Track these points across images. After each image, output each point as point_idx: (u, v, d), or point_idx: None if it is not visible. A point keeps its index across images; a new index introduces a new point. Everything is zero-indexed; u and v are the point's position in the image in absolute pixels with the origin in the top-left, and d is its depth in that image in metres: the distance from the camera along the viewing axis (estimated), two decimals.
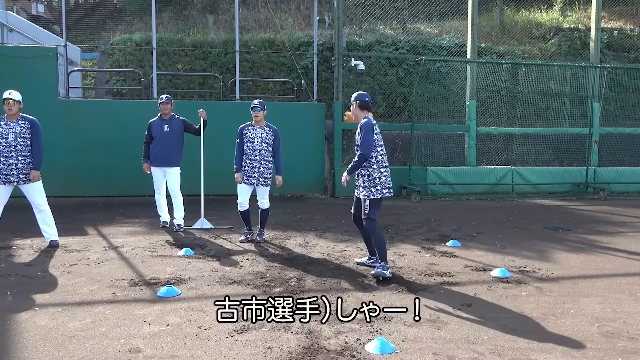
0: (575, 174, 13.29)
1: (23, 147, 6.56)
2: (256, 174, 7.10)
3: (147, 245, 7.02)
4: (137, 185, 10.56)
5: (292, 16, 18.64)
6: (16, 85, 10.58)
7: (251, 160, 7.09)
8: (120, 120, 11.20)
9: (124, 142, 10.98)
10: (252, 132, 7.11)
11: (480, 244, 7.40)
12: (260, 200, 7.23)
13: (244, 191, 7.20)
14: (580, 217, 9.95)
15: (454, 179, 12.59)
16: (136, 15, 18.21)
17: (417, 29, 17.12)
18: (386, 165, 5.72)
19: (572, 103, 14.68)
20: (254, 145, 7.07)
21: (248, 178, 7.11)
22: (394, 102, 14.58)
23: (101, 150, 11.22)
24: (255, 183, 7.12)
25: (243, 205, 7.23)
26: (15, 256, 6.36)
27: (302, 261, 6.28)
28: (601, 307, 4.79)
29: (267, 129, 7.15)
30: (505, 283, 5.49)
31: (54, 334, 4.00)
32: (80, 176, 11.13)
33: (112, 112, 11.42)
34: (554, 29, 17.37)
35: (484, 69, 13.91)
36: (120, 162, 11.11)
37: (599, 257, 6.75)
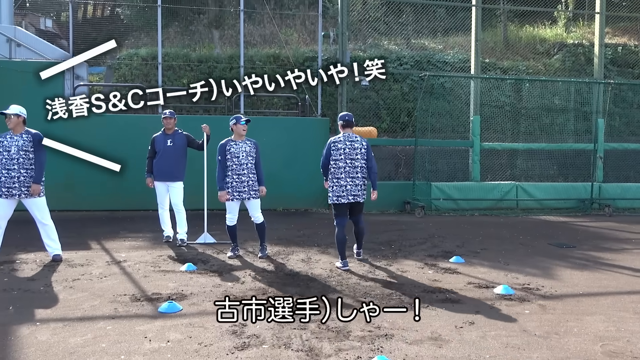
0: (580, 189, 13.24)
1: (25, 161, 6.61)
2: (246, 187, 7.11)
3: (149, 260, 7.03)
4: (141, 199, 10.60)
5: (297, 31, 18.77)
6: (23, 100, 10.69)
7: (239, 175, 7.09)
8: (125, 135, 11.27)
9: (129, 157, 10.98)
10: (235, 147, 7.13)
11: (483, 260, 7.36)
12: (254, 215, 7.24)
13: (233, 207, 7.22)
14: (585, 234, 9.89)
15: (458, 195, 12.56)
16: (143, 30, 18.38)
17: (421, 44, 17.20)
18: (337, 177, 6.81)
19: (576, 119, 14.67)
20: (240, 160, 7.08)
21: (239, 193, 7.10)
22: (398, 117, 14.61)
23: None
24: (246, 197, 7.13)
25: (232, 221, 7.26)
26: (18, 270, 6.37)
27: (304, 277, 6.26)
28: (605, 326, 4.75)
29: (248, 142, 7.22)
30: (509, 300, 5.46)
31: (55, 349, 4.00)
32: (84, 190, 11.18)
33: (118, 126, 11.49)
34: (558, 44, 17.43)
35: (488, 85, 13.94)
36: (124, 176, 11.14)
37: (603, 275, 6.70)
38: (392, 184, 12.89)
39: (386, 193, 12.42)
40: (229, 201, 7.16)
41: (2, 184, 6.55)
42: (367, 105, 14.54)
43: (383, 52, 16.29)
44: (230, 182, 7.11)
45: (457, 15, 15.32)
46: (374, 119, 14.42)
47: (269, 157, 11.11)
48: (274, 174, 11.10)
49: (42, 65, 11.39)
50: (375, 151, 13.32)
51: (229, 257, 7.23)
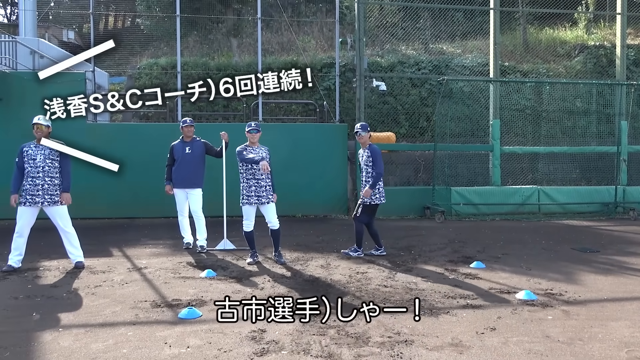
0: (603, 193, 13.00)
1: (51, 169, 6.74)
2: (264, 192, 7.21)
3: (170, 266, 7.08)
4: (161, 207, 10.70)
5: (314, 38, 18.84)
6: (46, 110, 10.89)
7: (258, 180, 7.19)
8: (145, 143, 11.41)
9: (149, 165, 11.16)
10: (253, 152, 7.25)
11: (505, 265, 7.26)
12: (270, 220, 7.30)
13: (250, 213, 7.31)
14: (609, 238, 9.71)
15: (479, 199, 12.43)
16: (162, 40, 18.64)
17: (439, 49, 17.13)
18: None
19: (599, 121, 14.43)
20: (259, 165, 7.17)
21: (258, 198, 7.20)
22: (416, 122, 14.55)
23: (127, 173, 11.39)
24: (265, 201, 7.22)
25: (249, 226, 7.36)
26: (41, 277, 6.47)
27: (323, 283, 6.25)
28: (630, 332, 4.64)
29: (263, 148, 7.38)
30: (531, 306, 5.37)
31: (77, 355, 4.05)
32: (105, 198, 11.33)
33: (138, 135, 11.64)
34: (579, 46, 17.20)
35: (508, 88, 13.80)
36: (144, 184, 11.29)
37: (628, 280, 6.56)
38: (411, 189, 12.82)
39: (406, 198, 12.38)
40: (248, 205, 7.25)
41: (27, 192, 6.67)
42: (385, 111, 14.50)
43: (401, 57, 16.26)
44: (249, 187, 7.21)
45: (475, 19, 15.24)
46: (392, 124, 14.38)
47: (288, 164, 11.15)
48: (292, 181, 11.14)
49: (64, 76, 11.61)
50: (395, 156, 13.39)
51: (248, 263, 7.27)
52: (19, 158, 6.73)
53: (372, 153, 7.64)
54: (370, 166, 7.62)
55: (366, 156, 7.70)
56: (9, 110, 11.15)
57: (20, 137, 10.31)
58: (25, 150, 6.74)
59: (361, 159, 7.86)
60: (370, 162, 7.63)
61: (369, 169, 7.64)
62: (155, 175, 10.72)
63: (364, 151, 7.79)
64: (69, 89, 11.22)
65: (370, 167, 7.63)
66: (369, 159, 7.65)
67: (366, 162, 7.69)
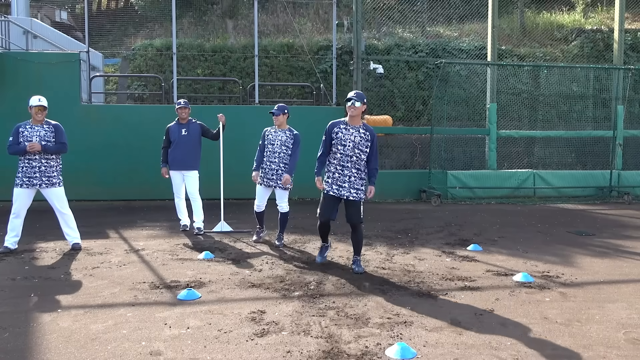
0: (599, 177, 13.06)
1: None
2: (274, 175, 7.16)
3: (167, 248, 7.07)
4: (158, 189, 10.67)
5: (310, 20, 18.67)
6: (40, 91, 10.78)
7: (270, 162, 7.17)
8: (141, 125, 11.33)
9: (145, 147, 11.10)
10: (273, 134, 7.21)
11: (501, 248, 7.30)
12: (279, 203, 7.27)
13: (262, 194, 7.32)
14: (605, 222, 9.76)
15: (475, 183, 12.46)
16: (157, 21, 18.42)
17: (436, 32, 17.03)
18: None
19: (595, 105, 14.45)
20: (274, 148, 7.15)
21: (268, 180, 7.18)
22: (413, 105, 14.50)
23: (122, 155, 11.36)
24: (274, 185, 7.19)
25: (260, 207, 7.39)
26: (38, 259, 6.45)
27: (321, 265, 6.26)
28: (627, 313, 4.69)
29: (287, 133, 7.21)
30: (528, 288, 5.40)
31: (77, 336, 4.04)
32: (102, 180, 11.28)
33: (134, 117, 11.55)
34: (576, 30, 17.14)
35: (505, 72, 13.76)
36: (141, 166, 11.24)
37: (624, 262, 6.61)
38: (407, 173, 12.82)
39: (402, 182, 12.39)
40: (258, 185, 7.27)
41: (23, 173, 6.61)
42: (382, 94, 14.44)
43: (398, 40, 16.16)
44: (263, 168, 7.23)
45: (473, 2, 15.12)
46: (388, 107, 14.33)
47: None
48: None
49: (58, 56, 11.49)
50: (391, 140, 13.35)
51: (253, 240, 7.40)
52: (14, 137, 6.62)
53: (372, 138, 5.89)
54: (366, 152, 5.87)
55: (365, 139, 5.84)
56: (2, 90, 11.03)
57: (13, 117, 10.23)
58: (22, 130, 6.65)
59: (351, 138, 5.84)
60: (368, 147, 5.87)
61: (363, 156, 5.87)
62: (151, 157, 10.68)
63: (360, 129, 5.86)
64: (63, 70, 11.20)
65: (365, 154, 5.87)
66: (367, 142, 5.85)
67: (360, 145, 5.83)
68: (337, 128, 5.91)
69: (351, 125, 5.90)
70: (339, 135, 5.87)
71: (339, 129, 5.90)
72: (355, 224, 6.00)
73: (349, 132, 5.87)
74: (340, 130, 5.89)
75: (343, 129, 5.90)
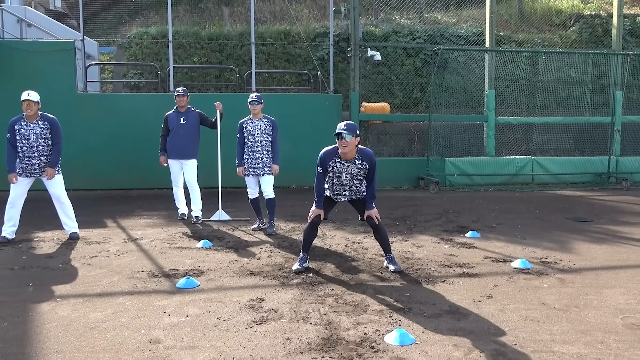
0: (597, 163, 13.06)
1: (45, 148, 6.64)
2: (260, 164, 7.28)
3: (165, 237, 7.06)
4: (155, 178, 10.64)
5: (307, 7, 18.52)
6: (35, 80, 10.71)
7: (253, 152, 7.27)
8: (137, 114, 11.28)
9: (142, 135, 11.06)
10: (252, 125, 7.31)
11: (500, 235, 7.31)
12: (265, 190, 7.36)
13: (252, 183, 7.46)
14: (602, 208, 9.78)
15: (473, 170, 12.45)
16: (152, 8, 18.24)
17: (434, 18, 16.91)
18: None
19: (593, 91, 14.41)
20: (255, 137, 7.27)
21: (254, 169, 7.30)
22: (411, 92, 14.44)
23: (119, 144, 11.32)
24: (261, 173, 7.30)
25: (252, 194, 7.50)
26: (36, 248, 6.44)
27: (320, 252, 6.26)
28: (625, 299, 4.70)
29: (265, 121, 7.34)
30: (526, 274, 5.41)
31: (76, 324, 4.04)
32: (99, 169, 11.25)
33: (130, 105, 11.49)
34: (575, 16, 17.03)
35: (503, 58, 13.70)
36: (138, 155, 11.20)
37: (622, 248, 6.63)
38: (405, 160, 12.80)
39: (400, 169, 12.38)
40: (246, 176, 7.39)
41: (23, 169, 6.62)
42: (380, 81, 14.38)
43: (395, 26, 16.05)
44: (246, 159, 7.32)
45: None
46: (386, 94, 14.27)
47: (281, 135, 11.03)
48: (286, 152, 11.05)
49: (53, 45, 11.40)
50: (389, 127, 13.31)
51: (252, 229, 7.45)
52: (11, 134, 6.58)
53: (370, 166, 5.42)
54: (365, 177, 5.51)
55: (363, 170, 5.42)
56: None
57: (8, 106, 10.18)
58: (17, 128, 6.58)
59: (348, 170, 5.43)
60: (367, 174, 5.48)
61: (362, 181, 5.56)
62: (148, 145, 10.65)
63: (356, 162, 5.38)
64: (58, 58, 11.12)
65: (364, 179, 5.53)
66: (365, 171, 5.44)
67: (359, 175, 5.48)
68: (333, 162, 5.36)
69: (345, 160, 5.34)
70: (335, 170, 5.40)
71: (333, 163, 5.36)
72: (372, 224, 5.54)
73: (344, 165, 5.36)
74: (336, 164, 5.37)
75: (338, 162, 5.36)
